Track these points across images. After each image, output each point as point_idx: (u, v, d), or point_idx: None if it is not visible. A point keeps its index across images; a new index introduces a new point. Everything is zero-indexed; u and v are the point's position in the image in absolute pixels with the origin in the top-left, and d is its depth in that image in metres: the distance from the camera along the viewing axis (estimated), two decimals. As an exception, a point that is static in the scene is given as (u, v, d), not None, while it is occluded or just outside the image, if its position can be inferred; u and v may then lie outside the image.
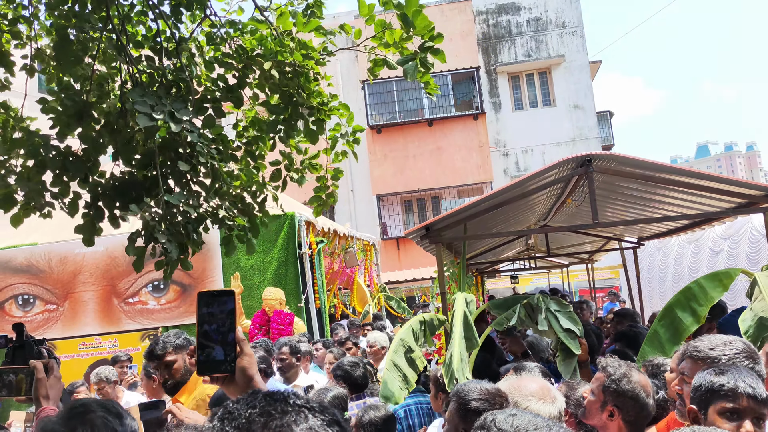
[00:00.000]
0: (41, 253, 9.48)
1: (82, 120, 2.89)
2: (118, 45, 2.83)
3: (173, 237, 2.63)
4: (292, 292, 9.00)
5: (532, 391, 2.60)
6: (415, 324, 4.29)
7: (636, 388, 2.72)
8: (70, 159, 2.95)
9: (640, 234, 8.84)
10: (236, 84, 3.25)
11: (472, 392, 2.57)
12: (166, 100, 2.60)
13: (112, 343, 9.34)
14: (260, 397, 1.03)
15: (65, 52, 2.79)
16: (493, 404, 2.52)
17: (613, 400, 2.71)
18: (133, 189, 3.00)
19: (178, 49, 2.99)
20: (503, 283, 18.80)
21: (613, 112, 25.11)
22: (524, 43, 20.66)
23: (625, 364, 2.85)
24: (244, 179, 3.50)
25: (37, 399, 2.03)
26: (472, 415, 2.47)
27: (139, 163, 3.01)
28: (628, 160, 4.60)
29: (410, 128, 20.12)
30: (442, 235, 4.67)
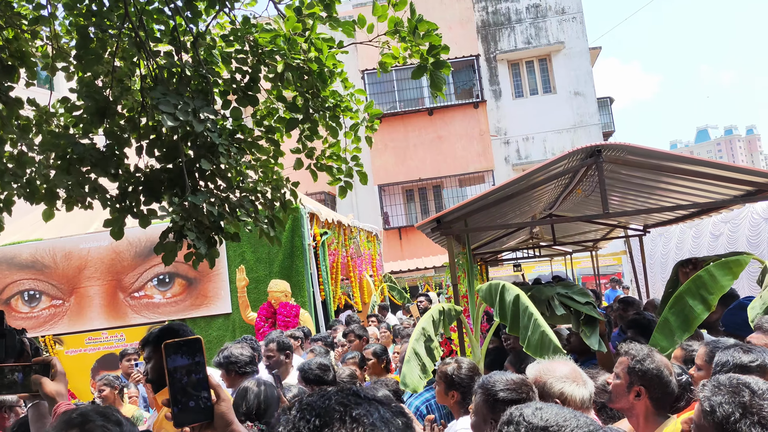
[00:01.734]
0: (46, 248, 9.48)
1: (105, 117, 2.90)
2: (137, 41, 2.83)
3: (201, 234, 2.65)
4: (297, 284, 9.01)
5: (564, 374, 2.67)
6: (435, 313, 4.31)
7: (660, 366, 2.82)
8: (100, 154, 2.97)
9: (645, 221, 8.84)
10: (249, 81, 3.25)
11: (499, 383, 2.61)
12: (188, 98, 2.61)
13: (118, 337, 9.37)
14: (333, 391, 1.08)
15: (86, 51, 2.79)
16: (520, 393, 2.57)
17: (639, 380, 2.80)
18: (159, 184, 3.02)
19: (195, 44, 2.99)
20: (506, 272, 18.82)
21: (613, 98, 25.03)
22: (524, 30, 20.56)
23: (646, 346, 2.96)
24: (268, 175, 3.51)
25: (49, 396, 2.03)
26: (501, 405, 2.51)
27: (165, 156, 3.02)
28: (637, 150, 4.60)
29: (410, 117, 20.06)
30: (452, 227, 4.66)
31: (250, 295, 8.80)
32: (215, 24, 3.44)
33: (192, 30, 3.07)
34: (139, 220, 3.09)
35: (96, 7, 2.87)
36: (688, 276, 5.26)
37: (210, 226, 2.80)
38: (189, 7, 2.99)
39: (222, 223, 2.88)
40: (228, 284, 9.16)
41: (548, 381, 2.64)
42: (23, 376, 2.05)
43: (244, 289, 8.65)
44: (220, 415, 1.45)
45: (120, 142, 3.03)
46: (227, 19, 3.40)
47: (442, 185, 20.36)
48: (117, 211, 3.06)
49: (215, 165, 2.80)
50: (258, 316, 8.50)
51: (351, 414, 1.02)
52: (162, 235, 2.81)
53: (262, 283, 8.97)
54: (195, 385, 1.44)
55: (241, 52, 3.19)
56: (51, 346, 9.38)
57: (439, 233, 4.77)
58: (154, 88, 2.78)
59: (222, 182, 3.11)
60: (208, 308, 9.28)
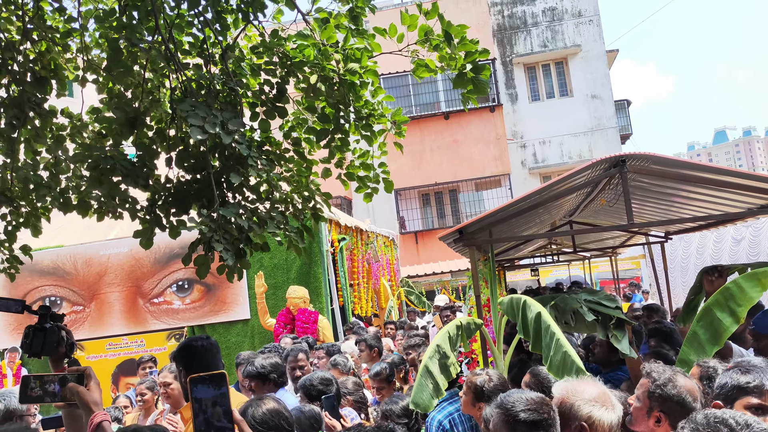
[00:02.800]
0: (67, 255, 9.57)
1: (135, 128, 2.93)
2: (166, 54, 2.85)
3: (230, 245, 2.66)
4: (316, 290, 9.02)
5: (593, 396, 2.56)
6: (451, 329, 4.26)
7: (682, 392, 2.68)
8: (131, 165, 3.00)
9: (667, 228, 8.76)
10: (278, 93, 3.25)
11: (519, 403, 2.52)
12: (217, 110, 2.62)
13: (138, 343, 9.43)
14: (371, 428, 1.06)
15: (117, 63, 2.81)
16: (541, 414, 2.48)
17: (660, 406, 2.67)
18: (188, 195, 3.03)
19: (224, 56, 3.01)
20: (522, 276, 18.72)
21: (630, 101, 24.83)
22: (540, 34, 20.47)
23: (669, 368, 2.82)
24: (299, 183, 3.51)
25: (85, 405, 2.04)
26: (521, 427, 2.46)
27: (194, 166, 3.04)
28: (662, 160, 4.54)
29: (426, 122, 20.04)
30: (474, 237, 4.63)
31: (269, 301, 8.82)
32: (243, 36, 3.46)
33: (221, 42, 3.08)
34: (168, 230, 3.11)
35: (126, 20, 2.90)
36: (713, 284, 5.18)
37: (238, 237, 2.80)
38: (218, 20, 3.00)
39: (250, 234, 2.88)
40: (246, 290, 9.19)
41: (576, 403, 2.52)
42: (59, 386, 2.06)
43: (263, 295, 8.67)
44: None
45: (149, 154, 3.05)
46: (255, 31, 3.41)
47: (459, 189, 20.31)
48: (146, 222, 3.08)
49: (244, 177, 2.81)
50: (276, 322, 8.52)
51: None
52: (191, 247, 2.83)
53: (280, 289, 8.99)
54: (219, 416, 1.50)
55: (270, 63, 3.20)
56: (72, 351, 9.45)
57: (462, 244, 4.74)
58: (183, 100, 2.79)
59: (251, 194, 3.12)
60: (227, 314, 9.31)
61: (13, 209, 3.46)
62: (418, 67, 3.27)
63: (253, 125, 3.26)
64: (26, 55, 3.28)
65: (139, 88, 3.16)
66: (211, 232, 2.64)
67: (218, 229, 2.62)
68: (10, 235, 3.55)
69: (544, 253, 12.83)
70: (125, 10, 3.02)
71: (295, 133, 3.57)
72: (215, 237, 2.65)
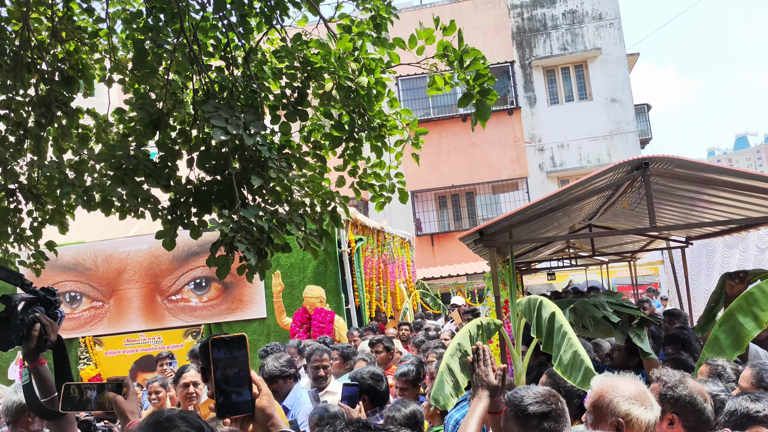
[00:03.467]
0: (87, 251, 9.68)
1: (159, 129, 2.95)
2: (190, 56, 2.88)
3: (252, 246, 2.68)
4: (332, 290, 9.03)
5: (633, 394, 2.51)
6: (472, 328, 4.26)
7: (693, 393, 2.71)
8: (153, 165, 3.03)
9: (688, 233, 8.66)
10: (299, 96, 3.27)
11: (527, 397, 2.56)
12: (239, 112, 2.64)
13: (156, 339, 9.50)
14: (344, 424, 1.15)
15: (143, 64, 2.84)
16: (550, 405, 2.52)
17: (672, 408, 2.70)
18: (209, 196, 3.06)
19: (247, 59, 3.03)
20: (539, 279, 18.63)
21: (650, 105, 24.62)
22: (560, 37, 20.36)
23: (678, 372, 2.86)
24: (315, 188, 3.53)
25: (122, 414, 2.05)
26: (533, 420, 2.49)
27: (214, 168, 3.06)
28: (686, 163, 4.50)
29: (444, 124, 20.01)
30: (495, 238, 4.61)
31: (284, 300, 8.85)
32: (266, 40, 3.48)
33: (243, 45, 3.11)
34: (190, 231, 3.13)
35: (153, 21, 2.93)
36: (734, 289, 5.12)
37: (260, 238, 2.82)
38: (242, 23, 3.03)
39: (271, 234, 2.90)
40: (263, 289, 9.23)
41: (615, 399, 2.47)
42: (97, 394, 2.06)
43: (280, 294, 8.70)
44: (261, 409, 1.49)
45: (172, 154, 3.08)
46: (278, 36, 3.44)
47: (475, 192, 20.25)
48: (168, 222, 3.11)
49: (264, 179, 2.82)
50: (293, 322, 8.54)
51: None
52: (213, 247, 2.84)
53: (297, 288, 9.02)
54: (238, 378, 1.50)
55: (291, 67, 3.22)
56: (91, 347, 9.55)
57: (482, 245, 4.72)
58: (206, 101, 2.82)
59: (270, 196, 3.14)
60: (244, 312, 9.36)
61: (38, 206, 3.51)
62: (433, 83, 3.29)
63: (274, 128, 3.28)
64: (55, 55, 3.33)
65: (163, 89, 3.19)
66: (233, 232, 2.66)
67: (240, 230, 2.64)
68: (36, 231, 3.60)
69: (561, 257, 12.74)
70: (151, 12, 3.05)
71: (313, 137, 3.59)
72: (237, 237, 2.66)
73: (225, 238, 2.63)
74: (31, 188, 3.43)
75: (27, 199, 3.48)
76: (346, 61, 3.20)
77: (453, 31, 3.08)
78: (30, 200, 3.47)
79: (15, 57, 3.04)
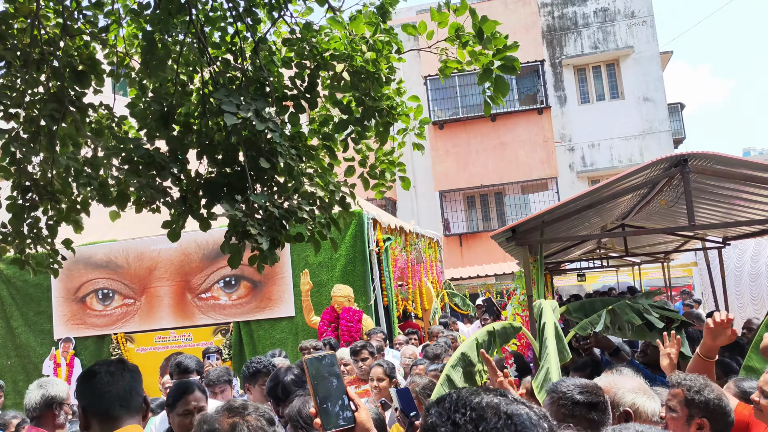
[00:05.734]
0: (119, 249, 9.82)
1: (169, 123, 2.96)
2: (200, 48, 2.87)
3: (265, 232, 2.67)
4: (360, 289, 9.02)
5: (634, 386, 2.65)
6: (482, 335, 4.17)
7: (720, 395, 2.70)
8: (165, 159, 3.02)
9: (726, 233, 8.44)
10: (308, 85, 3.25)
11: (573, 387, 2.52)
12: (250, 100, 2.63)
13: (186, 336, 9.59)
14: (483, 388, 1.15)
15: (152, 57, 2.85)
16: (598, 396, 2.51)
17: (701, 412, 2.65)
18: (219, 187, 3.06)
19: (257, 49, 3.01)
20: (569, 281, 18.38)
21: (684, 104, 24.14)
22: (591, 35, 20.07)
23: (701, 376, 2.83)
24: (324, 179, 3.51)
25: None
26: (580, 408, 2.46)
27: (223, 161, 3.06)
28: (726, 160, 4.36)
29: (473, 123, 19.88)
30: (527, 237, 4.54)
31: (313, 299, 8.86)
32: (273, 31, 3.47)
33: (252, 37, 3.10)
34: (199, 223, 3.13)
35: (161, 13, 2.93)
36: None
37: (273, 224, 2.81)
38: (249, 14, 3.01)
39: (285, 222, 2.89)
40: (292, 288, 9.25)
41: (619, 392, 2.59)
42: None
43: (308, 293, 8.71)
44: (361, 423, 1.57)
45: (181, 147, 3.08)
46: (285, 28, 3.42)
47: (504, 192, 20.07)
48: (178, 214, 3.11)
49: (273, 165, 2.82)
50: (321, 320, 8.54)
51: (505, 411, 1.07)
52: (226, 235, 2.85)
53: (324, 287, 9.02)
54: (337, 394, 1.59)
55: (300, 56, 3.21)
56: (123, 343, 9.69)
57: (515, 244, 4.65)
58: (217, 90, 2.82)
59: (279, 186, 3.13)
60: (272, 311, 9.39)
61: (54, 204, 3.52)
62: (446, 66, 3.24)
63: (284, 119, 3.27)
64: (65, 51, 3.34)
65: (171, 81, 3.19)
66: (246, 217, 2.66)
67: (252, 215, 2.63)
68: (52, 230, 3.61)
69: (591, 257, 12.54)
70: (160, 4, 3.05)
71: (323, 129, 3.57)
72: (250, 222, 2.66)
73: (237, 225, 2.63)
74: (46, 186, 3.44)
75: (42, 197, 3.48)
76: (357, 43, 3.18)
77: (464, 11, 3.02)
78: (45, 198, 3.48)
79: (25, 54, 3.06)
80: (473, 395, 1.10)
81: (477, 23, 3.04)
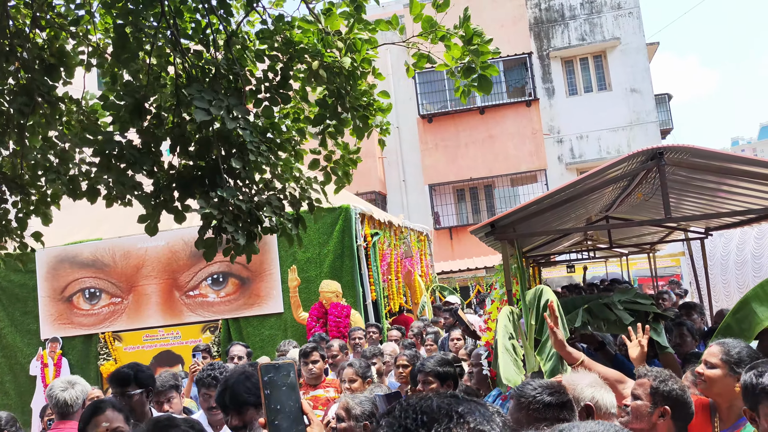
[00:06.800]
0: (105, 248, 9.78)
1: (142, 115, 2.96)
2: (172, 40, 2.87)
3: (240, 228, 2.69)
4: (348, 284, 9.03)
5: (591, 381, 2.78)
6: (507, 312, 4.32)
7: (683, 386, 2.92)
8: (137, 152, 3.03)
9: (707, 224, 8.51)
10: (281, 79, 3.26)
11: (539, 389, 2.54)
12: (223, 96, 2.64)
13: (174, 334, 9.59)
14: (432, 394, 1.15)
15: (123, 49, 2.85)
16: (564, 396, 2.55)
17: (664, 401, 2.85)
18: (192, 180, 3.07)
19: (229, 42, 3.02)
20: (558, 272, 18.48)
21: (671, 95, 24.24)
22: (578, 27, 20.09)
23: (663, 369, 3.05)
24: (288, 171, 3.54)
25: None
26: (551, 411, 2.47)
27: (196, 153, 3.07)
28: (701, 152, 4.39)
29: (461, 117, 19.89)
30: (507, 231, 4.57)
31: (301, 295, 8.87)
32: (246, 22, 3.47)
33: (225, 28, 3.10)
34: (174, 216, 3.14)
35: (132, 5, 2.92)
36: None
37: (249, 220, 2.83)
38: (222, 6, 3.01)
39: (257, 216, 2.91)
40: (280, 284, 9.25)
41: (578, 387, 2.69)
42: None
43: (296, 289, 8.72)
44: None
45: (154, 140, 3.09)
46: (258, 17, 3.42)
47: (494, 185, 20.11)
48: (152, 208, 3.12)
49: (244, 163, 2.83)
50: (309, 316, 8.56)
51: (456, 410, 1.07)
52: (200, 230, 2.86)
53: (313, 283, 9.03)
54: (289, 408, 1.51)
55: (273, 49, 3.21)
56: (110, 342, 9.67)
57: (494, 238, 4.68)
58: (189, 85, 2.82)
59: (250, 181, 3.15)
60: (261, 308, 9.40)
61: (23, 197, 3.52)
62: (420, 59, 3.26)
63: (258, 112, 3.28)
64: (35, 43, 3.33)
65: (144, 74, 3.19)
66: (221, 214, 2.67)
67: (226, 212, 2.65)
68: (21, 223, 3.61)
69: (579, 249, 12.61)
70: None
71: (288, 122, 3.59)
72: (225, 219, 2.67)
73: (210, 218, 2.64)
74: (15, 178, 3.44)
75: (11, 190, 3.48)
76: (331, 40, 3.19)
77: (445, 8, 3.04)
78: (14, 191, 3.48)
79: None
80: (423, 400, 1.11)
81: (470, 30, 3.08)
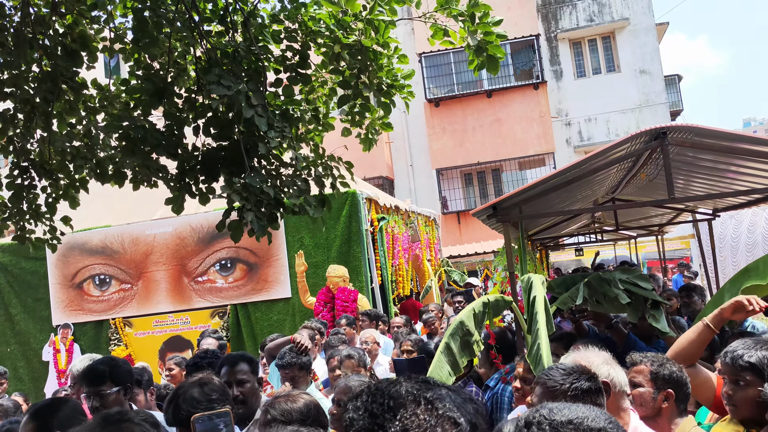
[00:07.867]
0: (115, 234, 9.86)
1: (163, 98, 2.98)
2: (190, 24, 2.89)
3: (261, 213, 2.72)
4: (355, 269, 9.05)
5: (604, 359, 2.75)
6: (478, 306, 4.18)
7: (680, 367, 2.90)
8: (161, 135, 3.06)
9: (715, 205, 8.45)
10: (300, 60, 3.27)
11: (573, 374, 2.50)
12: (242, 80, 2.65)
13: (184, 320, 9.67)
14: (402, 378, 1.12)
15: (143, 33, 2.86)
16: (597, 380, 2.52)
17: (666, 384, 2.83)
18: (216, 162, 3.10)
19: (247, 23, 3.03)
20: (567, 256, 18.44)
21: (681, 76, 23.99)
22: (586, 8, 19.86)
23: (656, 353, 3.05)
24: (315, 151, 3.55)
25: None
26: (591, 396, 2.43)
27: (220, 134, 3.09)
28: (705, 131, 4.36)
29: (469, 100, 19.78)
30: (510, 213, 4.56)
31: (309, 280, 8.90)
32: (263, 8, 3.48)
33: (242, 9, 3.11)
34: (198, 197, 3.17)
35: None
36: None
37: (270, 203, 2.86)
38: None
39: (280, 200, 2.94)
40: (288, 269, 9.29)
41: (593, 366, 2.65)
42: None
43: (303, 274, 8.76)
44: None
45: (178, 122, 3.11)
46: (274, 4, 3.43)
47: (502, 169, 20.03)
48: (177, 190, 3.15)
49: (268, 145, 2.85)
50: (317, 301, 8.60)
51: (425, 396, 1.03)
52: (225, 214, 2.89)
53: (320, 268, 9.06)
54: None
55: (291, 30, 3.22)
56: (121, 328, 9.78)
57: (496, 220, 4.67)
58: (209, 70, 2.84)
59: (275, 161, 3.17)
60: (269, 293, 9.45)
61: (52, 182, 3.58)
62: (437, 31, 3.25)
63: (278, 91, 3.29)
64: (56, 30, 3.36)
65: (165, 57, 3.20)
66: (243, 200, 2.70)
67: (249, 197, 2.67)
68: (51, 207, 3.68)
69: (586, 232, 12.57)
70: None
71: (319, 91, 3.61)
72: (246, 206, 2.70)
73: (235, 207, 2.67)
74: (43, 164, 3.50)
75: (40, 176, 3.55)
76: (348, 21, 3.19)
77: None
78: (43, 176, 3.55)
79: (17, 34, 3.08)
80: (392, 385, 1.07)
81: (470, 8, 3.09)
